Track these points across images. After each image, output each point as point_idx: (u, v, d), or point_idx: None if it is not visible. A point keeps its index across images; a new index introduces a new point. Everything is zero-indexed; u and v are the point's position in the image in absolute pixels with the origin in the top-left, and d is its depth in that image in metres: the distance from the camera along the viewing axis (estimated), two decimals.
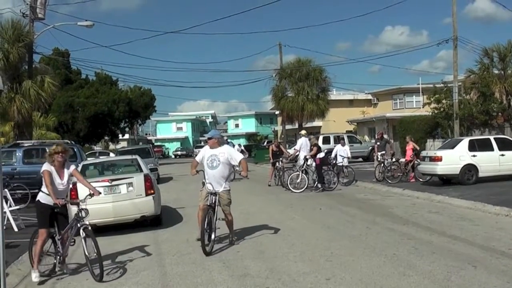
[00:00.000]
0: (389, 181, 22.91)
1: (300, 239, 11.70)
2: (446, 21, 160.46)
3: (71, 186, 10.74)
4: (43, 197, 9.26)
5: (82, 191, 11.02)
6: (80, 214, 9.14)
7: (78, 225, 9.15)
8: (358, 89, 74.96)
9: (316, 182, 21.87)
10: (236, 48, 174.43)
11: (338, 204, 17.61)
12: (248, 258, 10.06)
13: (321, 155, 22.20)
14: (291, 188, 21.62)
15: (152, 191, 13.86)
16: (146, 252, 11.08)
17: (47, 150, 9.72)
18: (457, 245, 10.39)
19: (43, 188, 9.25)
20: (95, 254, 8.95)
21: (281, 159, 25.32)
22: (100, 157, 41.96)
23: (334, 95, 60.33)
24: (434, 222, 13.25)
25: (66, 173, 9.37)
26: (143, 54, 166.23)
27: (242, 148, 36.44)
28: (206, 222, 10.56)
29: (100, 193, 9.90)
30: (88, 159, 25.87)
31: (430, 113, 36.59)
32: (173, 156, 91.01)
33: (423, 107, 40.64)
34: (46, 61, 42.38)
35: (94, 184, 10.33)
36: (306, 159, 22.02)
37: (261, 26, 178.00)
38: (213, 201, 10.90)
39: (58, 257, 9.33)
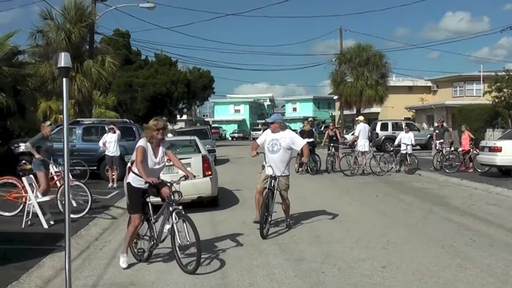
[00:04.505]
0: (447, 171, 22.57)
1: (356, 225, 11.74)
2: (507, 7, 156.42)
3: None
4: (134, 179, 8.55)
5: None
6: (172, 197, 8.40)
7: (170, 208, 8.37)
8: (416, 75, 74.04)
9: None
10: (295, 32, 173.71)
11: (395, 192, 17.53)
12: (304, 242, 10.14)
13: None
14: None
15: (210, 172, 14.03)
16: (202, 232, 11.22)
17: (144, 125, 9.02)
18: None
19: (134, 169, 8.46)
20: (188, 242, 8.24)
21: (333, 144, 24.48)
22: None
23: (393, 81, 59.84)
24: (492, 214, 13.07)
25: (161, 151, 8.63)
26: (203, 36, 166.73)
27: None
28: (264, 205, 10.65)
29: (194, 176, 9.36)
30: None
31: (491, 102, 35.86)
32: (230, 138, 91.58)
33: (483, 96, 39.83)
34: (107, 42, 42.98)
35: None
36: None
37: (322, 11, 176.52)
38: (272, 185, 10.96)
39: (153, 242, 8.75)
